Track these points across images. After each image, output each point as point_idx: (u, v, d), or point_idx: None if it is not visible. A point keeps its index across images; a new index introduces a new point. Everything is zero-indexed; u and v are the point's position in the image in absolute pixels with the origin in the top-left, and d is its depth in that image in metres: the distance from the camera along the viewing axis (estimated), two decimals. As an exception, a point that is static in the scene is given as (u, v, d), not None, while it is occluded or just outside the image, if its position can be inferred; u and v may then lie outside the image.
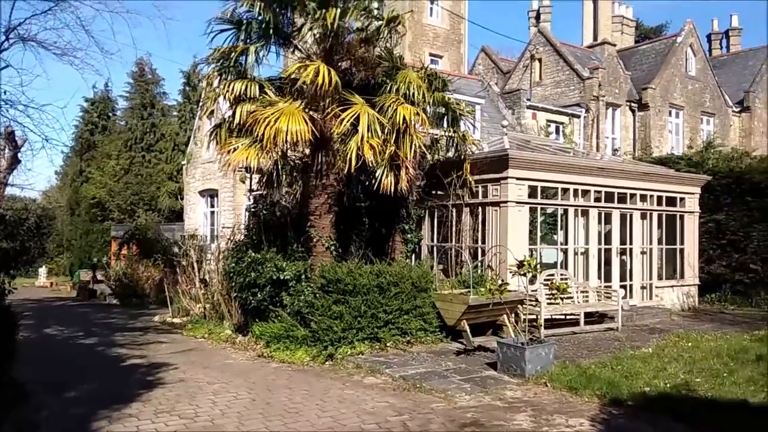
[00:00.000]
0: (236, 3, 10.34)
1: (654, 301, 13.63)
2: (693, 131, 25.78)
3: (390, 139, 9.86)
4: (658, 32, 40.05)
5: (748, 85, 28.03)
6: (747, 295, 15.26)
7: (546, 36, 26.32)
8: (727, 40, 33.77)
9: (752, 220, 15.41)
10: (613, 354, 8.97)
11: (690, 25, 26.65)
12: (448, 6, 26.63)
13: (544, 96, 25.00)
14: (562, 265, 12.15)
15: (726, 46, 33.76)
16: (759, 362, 8.15)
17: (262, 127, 9.24)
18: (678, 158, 18.17)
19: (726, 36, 33.82)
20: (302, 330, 9.51)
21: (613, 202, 12.84)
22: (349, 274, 9.54)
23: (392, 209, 11.80)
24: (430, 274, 10.71)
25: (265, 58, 10.87)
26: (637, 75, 25.73)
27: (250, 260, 10.40)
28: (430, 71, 11.47)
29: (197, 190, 24.59)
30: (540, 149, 13.36)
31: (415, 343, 9.85)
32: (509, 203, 11.03)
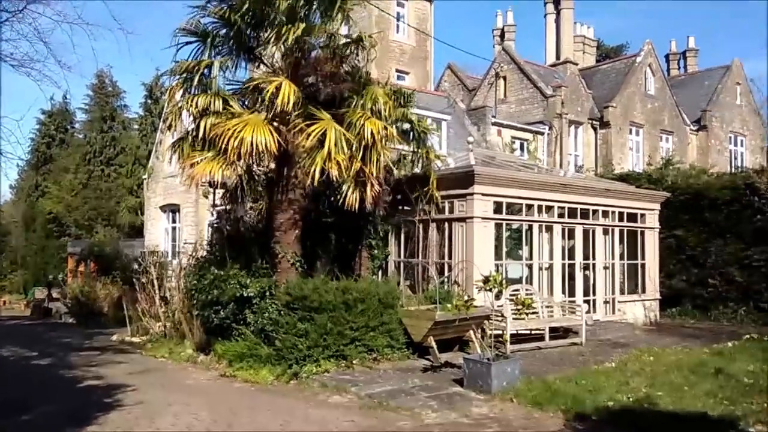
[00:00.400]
0: (202, 13, 10.19)
1: (617, 316, 13.83)
2: (653, 149, 26.47)
3: (356, 155, 9.83)
4: (619, 52, 41.20)
5: (704, 104, 28.96)
6: (706, 309, 15.63)
7: (510, 54, 26.77)
8: (685, 61, 34.91)
9: (710, 235, 15.83)
10: (578, 369, 9.03)
11: (649, 45, 27.47)
12: (415, 23, 26.90)
13: (508, 113, 25.37)
14: (527, 280, 12.24)
15: (683, 66, 34.90)
16: (718, 375, 8.30)
17: (226, 138, 9.08)
18: (638, 175, 18.60)
19: (683, 56, 34.96)
20: (266, 348, 9.31)
21: (576, 217, 13.03)
22: (315, 291, 9.40)
23: (359, 225, 11.73)
24: (396, 290, 10.65)
25: (230, 72, 10.77)
26: (598, 93, 26.35)
27: (213, 277, 10.17)
28: (396, 87, 11.52)
29: (158, 205, 24.07)
30: (505, 165, 13.51)
31: (381, 360, 9.74)
32: (475, 219, 11.08)
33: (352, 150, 9.73)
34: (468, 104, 26.17)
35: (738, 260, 15.21)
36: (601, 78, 27.72)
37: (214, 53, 10.57)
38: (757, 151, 30.56)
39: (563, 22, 28.69)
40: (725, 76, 29.91)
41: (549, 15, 29.82)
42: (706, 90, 29.80)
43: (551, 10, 29.70)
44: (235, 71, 10.83)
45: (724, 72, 30.13)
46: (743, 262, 15.12)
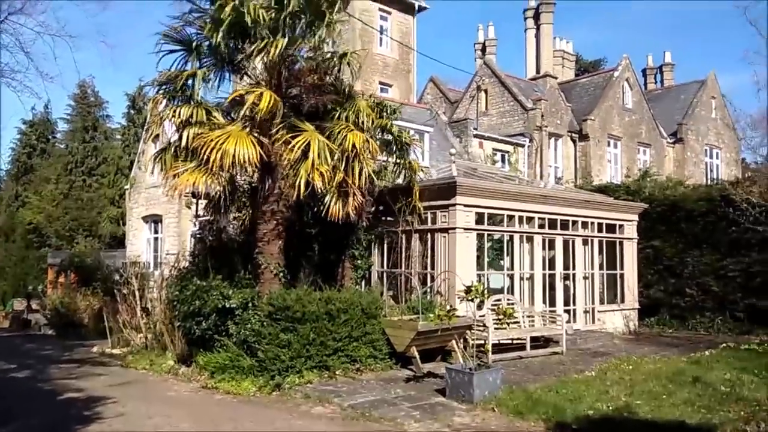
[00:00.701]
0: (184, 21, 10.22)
1: (597, 325, 14.01)
2: (630, 161, 26.93)
3: (339, 165, 9.91)
4: (597, 66, 41.92)
5: (681, 117, 29.57)
6: (683, 318, 15.89)
7: (491, 68, 27.13)
8: (661, 75, 35.63)
9: (687, 246, 16.12)
10: (558, 378, 9.14)
11: (626, 60, 28.02)
12: (398, 37, 27.16)
13: (490, 125, 25.66)
14: (509, 290, 12.38)
15: (660, 80, 35.61)
16: (696, 384, 8.46)
17: (209, 149, 9.11)
18: (617, 186, 18.91)
19: (660, 71, 35.70)
20: (248, 360, 9.29)
21: (557, 228, 13.22)
22: (298, 301, 9.42)
23: (342, 235, 11.78)
24: (379, 300, 10.70)
25: (213, 83, 10.80)
26: (577, 107, 26.78)
27: (195, 288, 10.13)
28: (379, 100, 11.63)
29: (140, 215, 23.90)
30: (487, 177, 13.68)
31: (364, 371, 9.77)
32: (457, 229, 11.20)
33: (335, 161, 9.81)
34: (450, 116, 26.43)
35: (714, 270, 15.51)
36: (579, 91, 28.19)
37: (198, 64, 10.60)
38: (732, 164, 31.22)
39: (543, 37, 29.15)
40: (701, 90, 30.59)
41: (529, 30, 30.28)
42: (682, 104, 30.44)
43: (531, 25, 30.16)
44: (218, 82, 10.88)
45: (700, 86, 30.81)
46: (719, 272, 15.42)
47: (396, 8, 27.46)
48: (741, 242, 14.98)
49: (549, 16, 29.08)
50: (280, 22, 9.84)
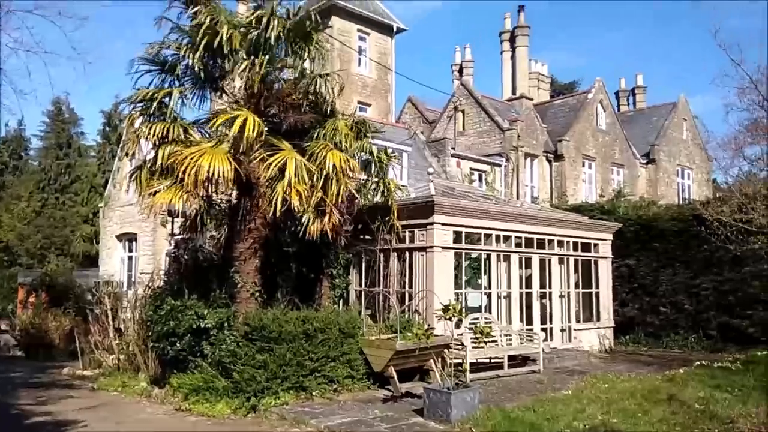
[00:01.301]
0: (161, 43, 10.20)
1: (573, 344, 14.10)
2: (604, 181, 27.39)
3: (318, 184, 9.91)
4: (571, 88, 42.77)
5: (653, 138, 30.24)
6: (657, 336, 16.09)
7: (468, 89, 27.51)
8: (634, 98, 36.50)
9: (660, 264, 16.39)
10: (536, 397, 9.16)
11: (599, 83, 28.65)
12: (376, 57, 27.43)
13: (467, 145, 25.93)
14: (486, 309, 12.41)
15: (632, 102, 36.46)
16: (670, 402, 8.54)
17: (184, 166, 9.03)
18: (591, 206, 19.19)
19: (632, 93, 36.58)
20: (223, 381, 9.14)
21: (533, 247, 13.34)
22: (275, 321, 9.32)
23: (320, 254, 11.73)
24: (357, 319, 10.64)
25: (191, 101, 10.76)
26: (552, 128, 27.24)
27: (170, 308, 9.98)
28: (358, 119, 11.69)
29: (115, 234, 23.52)
30: (464, 196, 13.78)
31: (342, 391, 9.67)
32: (435, 248, 11.23)
33: (313, 180, 9.81)
34: (428, 136, 26.66)
35: (687, 288, 15.77)
36: (555, 113, 28.69)
37: (175, 82, 10.57)
38: (704, 184, 31.93)
39: (518, 59, 29.71)
40: (672, 112, 31.36)
41: (505, 52, 30.85)
42: (654, 125, 31.16)
43: (507, 48, 30.75)
44: (196, 101, 10.84)
45: (671, 108, 31.59)
46: (692, 290, 15.69)
47: (374, 29, 27.78)
48: (713, 261, 15.28)
49: (524, 39, 29.67)
50: (260, 42, 9.87)
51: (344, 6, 26.43)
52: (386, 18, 28.37)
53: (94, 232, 32.38)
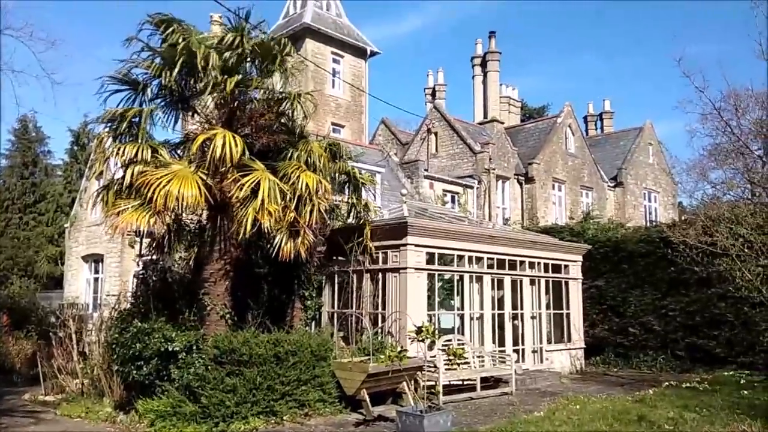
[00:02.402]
0: (132, 62, 10.10)
1: (545, 365, 14.15)
2: (574, 203, 27.88)
3: (290, 205, 9.84)
4: (541, 113, 43.68)
5: (620, 162, 30.97)
6: (627, 357, 16.26)
7: (441, 112, 27.87)
8: (601, 122, 37.44)
9: (629, 285, 16.63)
10: (508, 419, 9.14)
11: (568, 107, 29.31)
12: (350, 79, 27.63)
13: (440, 167, 26.18)
14: (459, 330, 12.41)
15: (600, 127, 37.36)
16: (641, 422, 8.61)
17: (153, 189, 8.89)
18: (561, 228, 19.46)
19: (600, 118, 37.52)
20: (191, 406, 8.90)
21: (505, 268, 13.44)
22: (245, 344, 9.15)
23: (292, 275, 11.62)
24: (330, 341, 10.52)
25: (162, 121, 10.66)
26: (523, 151, 27.70)
27: (136, 330, 9.72)
28: (331, 140, 11.70)
29: (80, 254, 22.97)
30: (437, 217, 13.85)
31: (313, 415, 9.51)
32: (408, 269, 11.22)
33: (286, 201, 9.74)
34: (401, 158, 26.85)
35: (655, 309, 16.01)
36: (525, 136, 29.21)
37: (146, 102, 10.46)
38: (670, 207, 32.72)
39: (490, 84, 30.28)
40: (638, 136, 32.20)
41: (477, 76, 31.42)
42: (622, 149, 31.93)
43: (479, 72, 31.32)
44: (168, 120, 10.74)
45: (638, 133, 32.44)
46: (660, 311, 15.93)
47: (348, 52, 28.04)
48: (680, 282, 15.56)
49: (495, 64, 30.27)
50: (233, 63, 9.85)
51: (318, 29, 26.66)
52: (360, 41, 28.68)
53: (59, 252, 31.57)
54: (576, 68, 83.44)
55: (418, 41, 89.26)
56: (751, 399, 10.16)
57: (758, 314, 13.29)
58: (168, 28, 9.75)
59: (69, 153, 38.60)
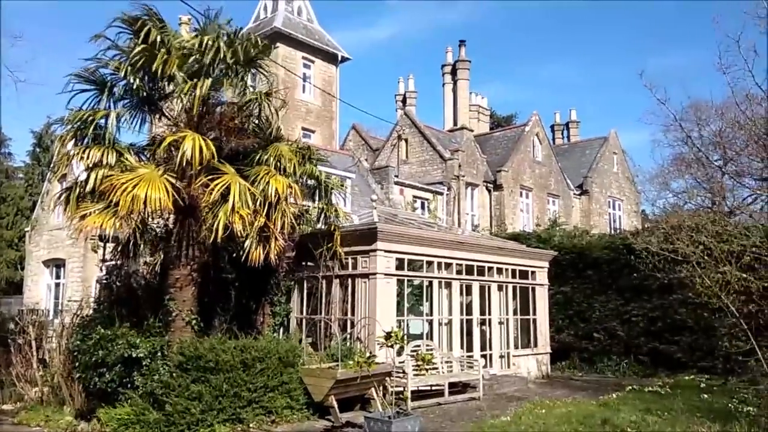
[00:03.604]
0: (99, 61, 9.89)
1: (512, 370, 14.30)
2: (541, 210, 28.30)
3: (261, 210, 9.75)
4: (509, 121, 44.30)
5: (586, 171, 31.59)
6: (592, 361, 16.54)
7: (411, 119, 28.03)
8: (568, 131, 38.15)
9: (594, 292, 16.94)
10: (476, 423, 9.20)
11: (536, 116, 29.80)
12: (320, 84, 27.59)
13: (410, 173, 26.30)
14: (428, 336, 12.45)
15: (567, 136, 38.07)
16: (604, 426, 8.76)
17: (119, 193, 8.70)
18: (529, 234, 19.73)
19: (567, 127, 38.24)
20: (155, 413, 8.73)
21: (473, 274, 13.55)
22: (211, 350, 9.01)
23: (260, 281, 11.51)
24: (298, 348, 10.45)
25: (129, 123, 10.47)
26: (492, 158, 28.04)
27: (99, 337, 9.51)
28: (302, 145, 11.65)
29: (41, 259, 22.36)
30: (407, 223, 13.90)
31: (280, 423, 9.42)
32: (378, 275, 11.23)
33: (256, 205, 9.65)
34: (372, 164, 26.89)
35: (619, 315, 16.34)
36: (494, 144, 29.57)
37: (113, 103, 10.26)
38: (633, 215, 33.46)
39: (459, 92, 30.58)
40: (603, 146, 32.90)
41: (447, 84, 31.71)
42: (587, 158, 32.58)
43: (449, 80, 31.61)
44: (135, 122, 10.55)
45: (603, 142, 33.14)
46: (624, 316, 16.26)
47: (319, 57, 28.01)
48: (642, 288, 15.90)
49: (465, 72, 30.60)
50: (203, 65, 9.74)
51: (289, 33, 26.58)
52: (331, 47, 28.68)
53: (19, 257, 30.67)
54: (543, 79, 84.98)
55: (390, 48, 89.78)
56: (710, 402, 10.43)
57: (717, 320, 13.65)
58: (143, 26, 9.55)
59: (31, 155, 37.61)
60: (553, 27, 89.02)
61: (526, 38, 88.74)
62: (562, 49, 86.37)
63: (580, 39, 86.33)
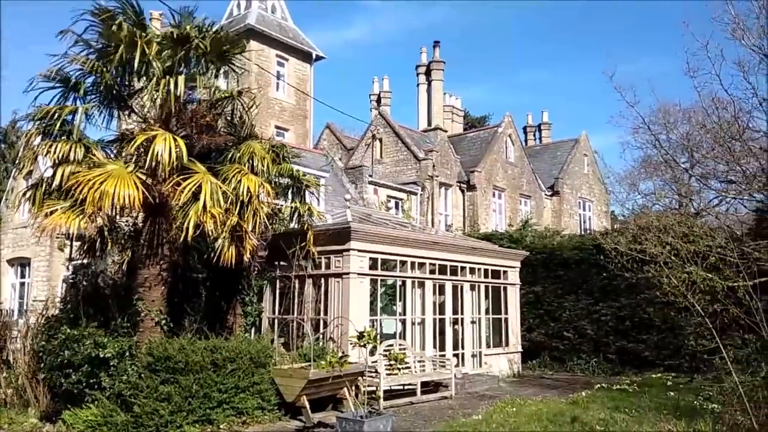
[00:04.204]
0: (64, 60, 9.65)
1: (484, 369, 14.41)
2: (513, 211, 28.58)
3: (233, 209, 9.63)
4: (482, 122, 44.62)
5: (557, 172, 32.00)
6: (562, 360, 16.77)
7: (386, 119, 28.04)
8: (540, 133, 38.59)
9: (564, 291, 17.18)
10: (447, 422, 9.24)
11: (509, 118, 30.08)
12: (294, 83, 27.42)
13: (384, 173, 26.30)
14: (401, 335, 12.47)
15: (539, 137, 38.51)
16: (574, 424, 8.88)
17: (86, 189, 8.51)
18: (501, 235, 19.92)
19: (539, 129, 38.68)
20: (123, 415, 8.57)
21: (446, 274, 13.62)
22: (181, 351, 8.88)
23: (232, 280, 11.39)
24: (269, 348, 10.35)
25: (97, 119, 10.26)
26: (465, 159, 28.21)
27: (65, 337, 9.31)
28: (275, 143, 11.55)
29: (6, 258, 21.75)
30: (381, 223, 13.90)
31: (251, 423, 9.33)
32: (351, 275, 11.20)
33: (228, 204, 9.53)
34: (346, 163, 26.83)
35: (588, 314, 16.60)
36: (467, 145, 29.76)
37: (80, 100, 10.03)
38: (603, 216, 34.02)
39: (434, 92, 30.66)
40: (574, 147, 33.35)
41: (421, 85, 31.76)
42: (559, 159, 33.00)
43: (423, 81, 31.67)
44: (103, 119, 10.33)
45: (574, 144, 33.61)
46: (593, 316, 16.53)
47: (293, 56, 27.83)
48: (611, 288, 16.18)
49: (439, 73, 30.70)
50: (174, 61, 9.58)
51: (263, 31, 26.35)
52: (305, 45, 28.52)
53: (-18, 256, 29.76)
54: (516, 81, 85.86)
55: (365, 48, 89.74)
56: (676, 400, 10.66)
57: (683, 319, 13.97)
58: (114, 19, 9.33)
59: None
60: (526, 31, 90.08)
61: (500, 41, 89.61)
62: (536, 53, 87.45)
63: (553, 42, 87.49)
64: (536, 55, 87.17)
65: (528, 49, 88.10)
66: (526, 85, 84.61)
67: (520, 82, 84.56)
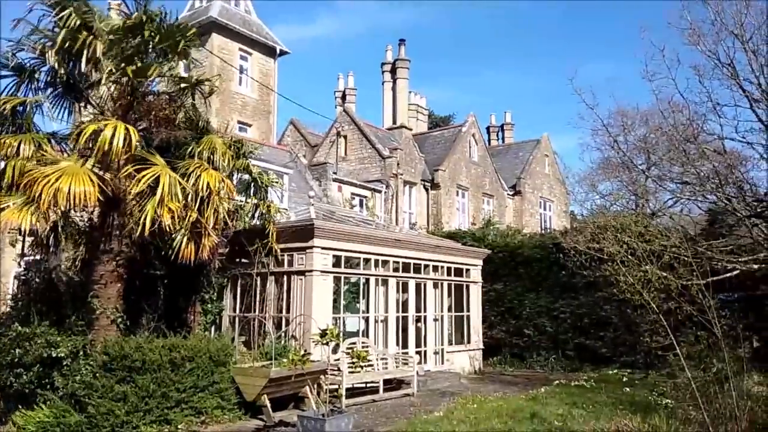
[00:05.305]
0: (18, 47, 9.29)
1: (446, 366, 14.52)
2: (476, 210, 28.87)
3: (192, 205, 9.42)
4: (447, 122, 44.89)
5: (519, 172, 32.47)
6: (522, 357, 17.05)
7: (351, 116, 27.94)
8: (503, 133, 39.07)
9: (525, 289, 17.46)
10: (409, 420, 9.28)
11: (472, 118, 30.36)
12: (258, 77, 27.06)
13: (349, 170, 26.21)
14: (364, 333, 12.46)
15: (501, 137, 38.99)
16: (533, 419, 9.03)
17: (40, 186, 8.18)
18: (464, 233, 20.10)
19: (501, 129, 39.15)
20: (77, 416, 8.32)
21: (410, 272, 13.66)
22: (138, 350, 8.66)
23: (191, 278, 11.17)
24: (230, 346, 10.20)
25: (51, 111, 9.90)
26: (429, 158, 28.35)
27: (15, 334, 8.99)
28: (237, 138, 11.36)
29: (-48, 254, 20.85)
30: (345, 220, 13.85)
31: (210, 423, 9.17)
32: (314, 272, 11.13)
33: (187, 200, 9.32)
34: (310, 160, 26.63)
35: (548, 312, 16.90)
36: (432, 144, 29.91)
37: (34, 90, 9.68)
38: (563, 215, 34.65)
39: (399, 91, 30.69)
40: (536, 148, 33.90)
41: (386, 83, 31.76)
42: (521, 159, 33.48)
43: (388, 79, 31.68)
44: (58, 111, 9.99)
45: (535, 145, 34.15)
46: (552, 313, 16.83)
47: (257, 50, 27.45)
48: (570, 285, 16.51)
49: (404, 71, 30.75)
50: (131, 50, 9.31)
51: (226, 24, 25.91)
52: (269, 40, 28.16)
53: (-74, 251, 28.49)
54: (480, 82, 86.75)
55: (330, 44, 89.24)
56: (632, 395, 10.95)
57: (639, 316, 14.33)
58: (63, 10, 9.02)
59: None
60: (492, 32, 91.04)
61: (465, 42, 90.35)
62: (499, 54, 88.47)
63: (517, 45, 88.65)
64: (500, 56, 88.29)
65: (492, 51, 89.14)
66: (490, 86, 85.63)
67: (483, 83, 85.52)
